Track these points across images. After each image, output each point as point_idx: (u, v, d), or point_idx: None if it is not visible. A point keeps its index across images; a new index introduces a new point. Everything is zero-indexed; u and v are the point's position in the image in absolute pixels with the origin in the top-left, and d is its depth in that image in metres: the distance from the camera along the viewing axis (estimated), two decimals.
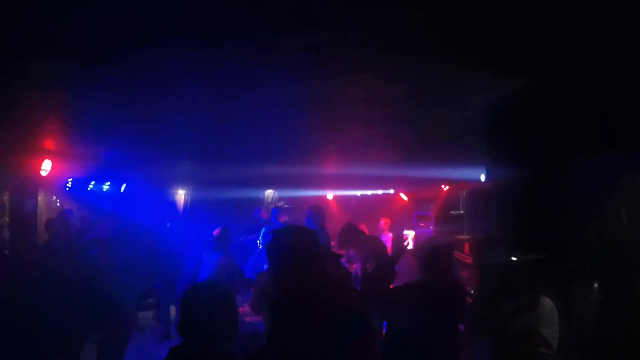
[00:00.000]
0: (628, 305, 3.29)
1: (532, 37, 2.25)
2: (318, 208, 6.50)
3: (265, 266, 6.01)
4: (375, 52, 2.41)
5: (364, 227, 9.27)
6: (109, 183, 8.21)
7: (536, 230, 3.65)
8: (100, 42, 2.20)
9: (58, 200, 8.40)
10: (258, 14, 1.94)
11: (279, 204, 12.09)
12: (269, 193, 12.27)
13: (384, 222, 10.38)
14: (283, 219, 9.52)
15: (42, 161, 6.16)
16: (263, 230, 8.47)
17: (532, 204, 3.69)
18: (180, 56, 2.46)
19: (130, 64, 2.52)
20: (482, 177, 6.40)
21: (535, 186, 3.66)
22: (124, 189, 8.55)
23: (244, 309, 5.82)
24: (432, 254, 3.79)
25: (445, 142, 5.66)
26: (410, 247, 6.44)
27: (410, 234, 8.27)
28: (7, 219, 6.99)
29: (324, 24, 2.05)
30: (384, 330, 3.93)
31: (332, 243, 6.03)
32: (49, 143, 5.96)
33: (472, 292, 6.51)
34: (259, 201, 11.69)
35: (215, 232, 6.20)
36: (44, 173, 6.24)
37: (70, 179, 7.62)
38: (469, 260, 6.57)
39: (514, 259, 3.82)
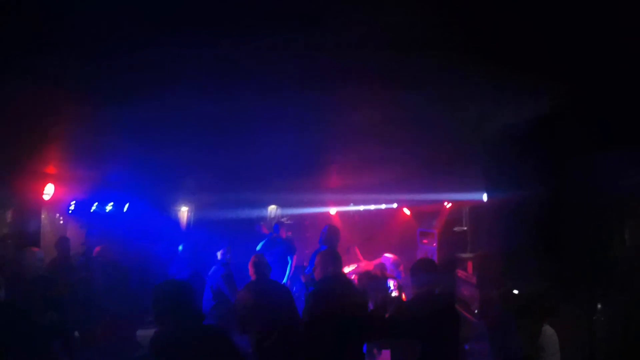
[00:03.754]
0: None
1: (533, 38, 2.23)
2: (333, 228, 6.30)
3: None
4: (375, 52, 2.40)
5: (357, 251, 9.27)
6: (112, 204, 8.23)
7: (542, 244, 3.63)
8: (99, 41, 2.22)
9: (62, 220, 8.45)
10: (258, 13, 1.94)
11: (282, 220, 12.11)
12: (272, 209, 12.29)
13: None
14: (286, 234, 9.59)
15: (44, 185, 6.19)
16: (261, 244, 8.68)
17: (535, 221, 3.67)
18: (182, 61, 2.46)
19: (128, 66, 2.54)
20: (484, 196, 6.37)
21: (536, 202, 3.64)
22: (127, 209, 8.58)
23: None
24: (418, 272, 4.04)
25: (447, 158, 5.64)
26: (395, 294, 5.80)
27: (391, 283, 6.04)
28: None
29: (324, 24, 2.05)
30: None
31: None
32: (51, 167, 5.99)
33: (475, 311, 6.45)
34: (262, 217, 11.73)
35: (220, 253, 6.31)
36: (46, 197, 6.26)
37: (74, 202, 7.65)
38: (473, 279, 6.52)
39: (515, 292, 3.82)
